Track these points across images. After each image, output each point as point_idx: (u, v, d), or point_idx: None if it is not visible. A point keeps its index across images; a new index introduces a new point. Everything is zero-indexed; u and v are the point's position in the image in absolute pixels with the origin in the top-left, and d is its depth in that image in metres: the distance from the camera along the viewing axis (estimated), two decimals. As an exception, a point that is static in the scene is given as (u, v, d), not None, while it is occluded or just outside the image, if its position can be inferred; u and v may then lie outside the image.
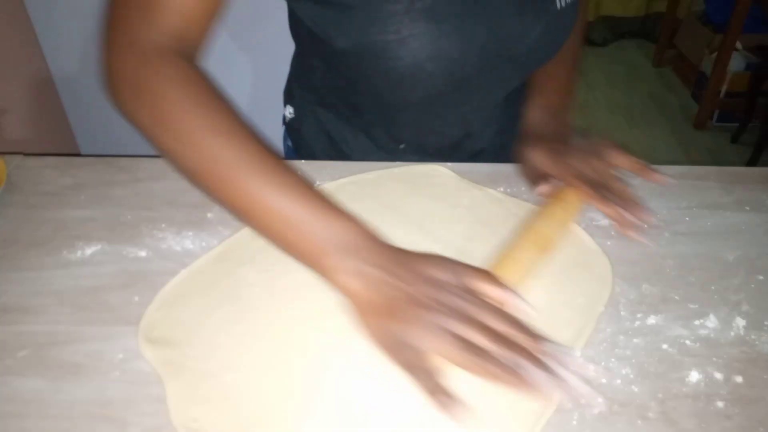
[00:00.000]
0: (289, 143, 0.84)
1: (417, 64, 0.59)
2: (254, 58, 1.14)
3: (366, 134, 0.75)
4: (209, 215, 0.64)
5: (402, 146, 0.75)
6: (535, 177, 0.66)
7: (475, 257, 0.58)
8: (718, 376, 0.48)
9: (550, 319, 0.52)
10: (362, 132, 0.75)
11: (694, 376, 0.48)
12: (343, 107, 0.74)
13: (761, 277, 0.57)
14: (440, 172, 0.69)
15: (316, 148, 0.78)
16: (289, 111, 0.80)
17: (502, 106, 0.74)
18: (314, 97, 0.76)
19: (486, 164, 0.71)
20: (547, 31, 0.63)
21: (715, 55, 2.34)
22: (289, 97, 0.81)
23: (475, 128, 0.74)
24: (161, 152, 0.51)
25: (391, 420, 0.45)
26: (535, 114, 0.72)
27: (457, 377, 0.48)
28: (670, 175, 0.69)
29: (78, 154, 1.19)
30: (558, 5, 0.63)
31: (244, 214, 0.49)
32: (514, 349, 0.42)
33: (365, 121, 0.74)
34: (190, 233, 0.61)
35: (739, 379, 0.48)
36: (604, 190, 0.61)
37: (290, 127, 0.82)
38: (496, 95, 0.71)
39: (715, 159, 2.28)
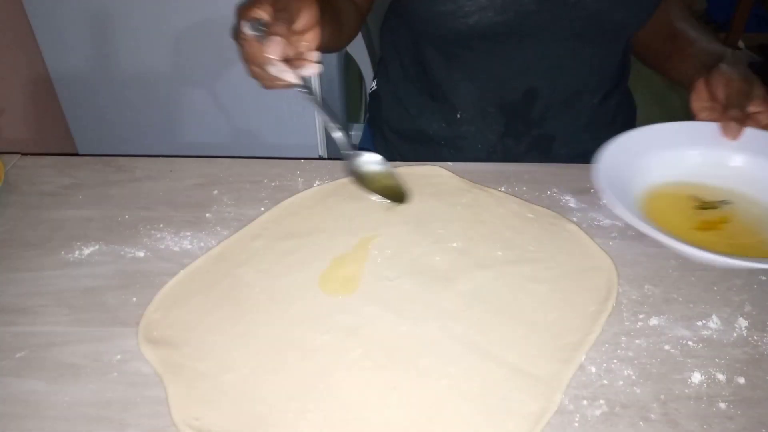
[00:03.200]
0: (367, 115, 0.93)
1: None
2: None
3: (431, 98, 0.78)
4: (207, 215, 0.63)
5: (458, 115, 0.76)
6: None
7: (476, 257, 0.58)
8: (721, 377, 0.48)
9: (555, 324, 0.52)
10: (429, 97, 0.78)
11: (697, 377, 0.48)
12: (416, 70, 0.78)
13: (764, 278, 0.57)
14: (440, 172, 0.69)
15: (391, 116, 0.84)
16: (374, 84, 0.89)
17: (576, 88, 0.74)
18: (398, 65, 0.82)
19: (486, 164, 0.71)
20: None
21: (716, 53, 2.33)
22: (377, 72, 0.89)
23: (538, 86, 0.72)
24: None
25: (390, 420, 0.45)
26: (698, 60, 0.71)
27: (459, 380, 0.48)
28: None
29: (76, 154, 1.18)
30: None
31: None
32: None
33: (430, 81, 0.77)
34: (189, 233, 0.61)
35: (741, 380, 0.48)
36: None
37: (371, 99, 0.89)
38: (565, 50, 0.70)
39: (717, 158, 2.26)
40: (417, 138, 0.82)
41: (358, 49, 1.16)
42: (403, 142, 0.83)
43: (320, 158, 1.18)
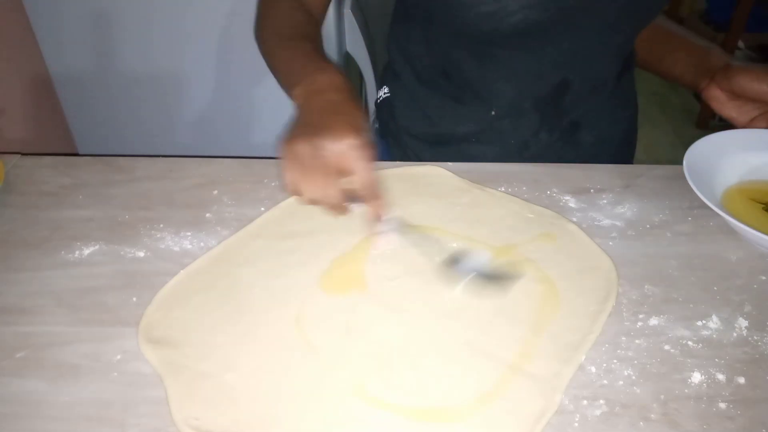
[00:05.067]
0: (376, 125, 0.90)
1: None
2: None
3: (456, 101, 0.77)
4: (208, 215, 0.63)
5: (493, 112, 0.76)
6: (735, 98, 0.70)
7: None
8: (721, 377, 0.48)
9: (555, 324, 0.52)
10: (452, 99, 0.77)
11: (697, 377, 0.48)
12: (435, 75, 0.77)
13: (764, 278, 0.57)
14: (440, 172, 0.69)
15: (410, 123, 0.82)
16: (384, 91, 0.86)
17: (609, 74, 0.75)
18: (411, 71, 0.80)
19: (486, 164, 0.71)
20: None
21: (716, 53, 2.33)
22: (384, 79, 0.86)
23: (570, 77, 0.73)
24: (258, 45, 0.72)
25: (390, 420, 0.45)
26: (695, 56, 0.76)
27: (459, 380, 0.48)
28: (671, 175, 0.68)
29: (76, 154, 1.18)
30: None
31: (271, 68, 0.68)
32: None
33: (457, 84, 0.76)
34: (189, 233, 0.61)
35: (741, 380, 0.48)
36: None
37: (381, 107, 0.87)
38: (598, 39, 0.70)
39: (717, 158, 2.26)
40: (441, 140, 0.81)
41: (360, 57, 1.16)
42: (427, 147, 0.82)
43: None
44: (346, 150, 0.51)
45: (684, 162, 0.63)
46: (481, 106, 0.76)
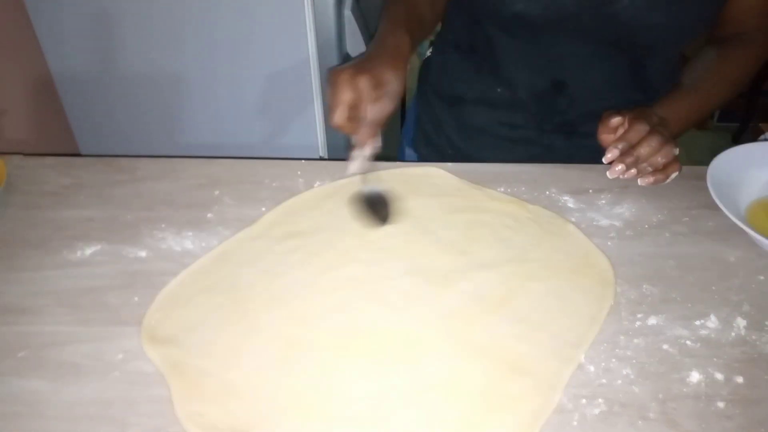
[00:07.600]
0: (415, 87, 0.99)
1: None
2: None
3: (477, 72, 0.82)
4: (209, 215, 0.64)
5: (499, 90, 0.80)
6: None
7: (475, 257, 0.58)
8: (719, 376, 0.48)
9: (554, 323, 0.52)
10: (474, 68, 0.82)
11: (695, 376, 0.48)
12: (464, 44, 0.83)
13: (762, 278, 0.57)
14: (440, 173, 0.69)
15: (436, 81, 0.90)
16: (429, 52, 0.95)
17: (604, 86, 0.75)
18: (449, 37, 0.88)
19: (486, 164, 0.71)
20: (655, 2, 0.65)
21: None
22: (433, 41, 0.95)
23: (569, 81, 0.75)
24: None
25: (390, 418, 0.45)
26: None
27: (459, 378, 0.48)
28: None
29: (77, 155, 1.19)
30: None
31: None
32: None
33: (480, 56, 0.81)
34: (190, 233, 0.61)
35: (739, 379, 0.48)
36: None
37: (424, 65, 0.96)
38: (595, 51, 0.72)
39: (716, 159, 2.27)
40: (456, 101, 0.87)
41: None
42: (445, 107, 0.89)
43: (321, 159, 1.18)
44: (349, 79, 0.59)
45: (708, 174, 0.61)
46: (493, 81, 0.80)
